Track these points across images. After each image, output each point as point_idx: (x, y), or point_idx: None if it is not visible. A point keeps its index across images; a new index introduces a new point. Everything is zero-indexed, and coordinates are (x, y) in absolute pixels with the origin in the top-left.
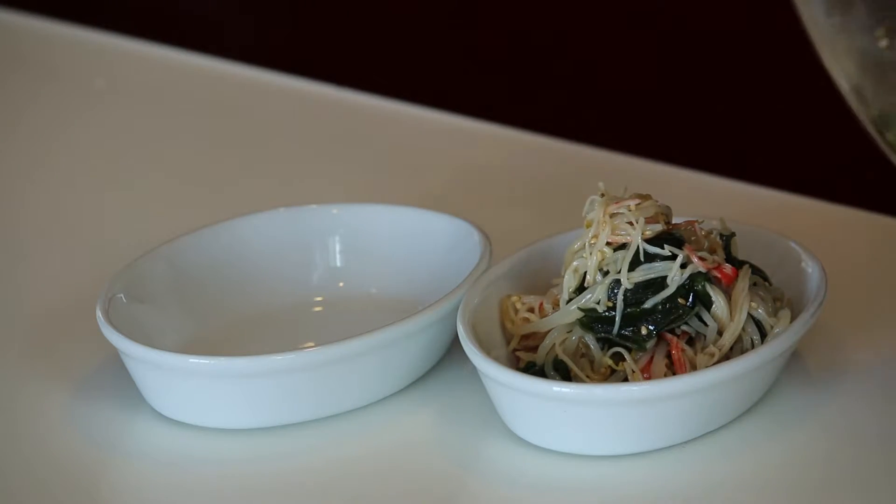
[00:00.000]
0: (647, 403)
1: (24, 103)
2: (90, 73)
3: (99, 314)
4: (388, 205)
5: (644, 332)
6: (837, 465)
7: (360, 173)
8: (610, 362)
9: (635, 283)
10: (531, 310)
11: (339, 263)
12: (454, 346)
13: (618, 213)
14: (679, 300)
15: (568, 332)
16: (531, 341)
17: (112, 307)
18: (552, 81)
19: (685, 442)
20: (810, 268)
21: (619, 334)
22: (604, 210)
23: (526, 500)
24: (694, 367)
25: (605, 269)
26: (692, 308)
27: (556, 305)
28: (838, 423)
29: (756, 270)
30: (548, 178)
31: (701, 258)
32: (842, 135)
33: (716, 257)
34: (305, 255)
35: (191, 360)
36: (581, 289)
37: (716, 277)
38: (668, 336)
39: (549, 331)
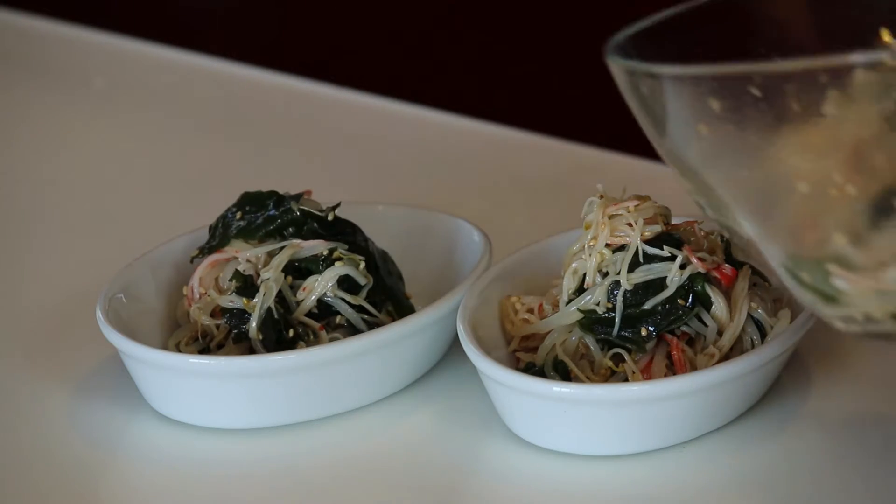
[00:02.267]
0: (647, 403)
1: (25, 103)
2: (90, 73)
3: (99, 314)
4: (389, 205)
5: (644, 333)
6: (837, 464)
7: (360, 173)
8: (610, 363)
9: (635, 285)
10: (530, 311)
11: None
12: (454, 346)
13: (616, 215)
14: (678, 301)
15: (568, 334)
16: (531, 342)
17: (112, 307)
18: (552, 81)
19: (685, 442)
20: None
21: (618, 335)
22: (602, 211)
23: (526, 500)
24: (694, 368)
25: (604, 270)
26: (692, 309)
27: (555, 306)
28: (838, 422)
29: (756, 271)
30: (548, 178)
31: (700, 259)
32: None
33: (715, 258)
34: None
35: (191, 360)
36: (580, 290)
37: (715, 278)
38: (668, 337)
39: (548, 332)
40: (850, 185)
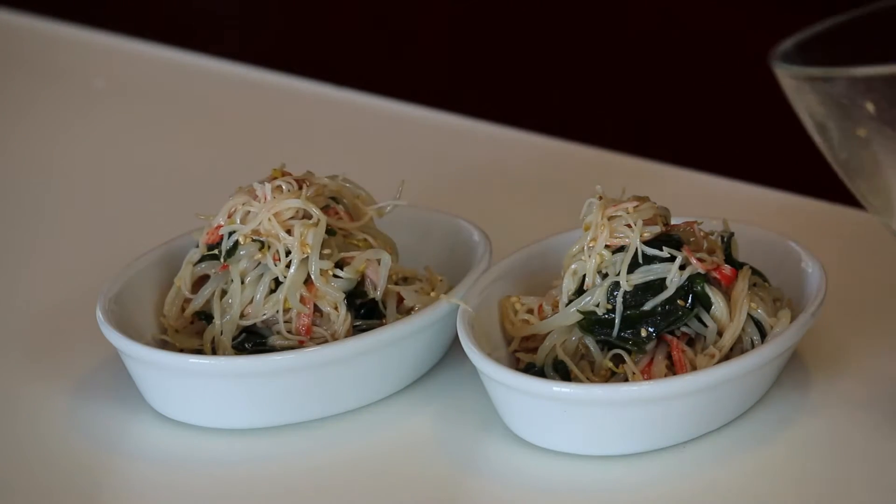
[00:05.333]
0: (647, 403)
1: (24, 103)
2: (90, 73)
3: (99, 314)
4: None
5: (644, 334)
6: (837, 464)
7: (360, 173)
8: (610, 364)
9: (634, 286)
10: (530, 311)
11: None
12: (454, 346)
13: (616, 216)
14: (678, 302)
15: (568, 334)
16: (531, 343)
17: (112, 307)
18: (552, 81)
19: (685, 442)
20: (810, 268)
21: (618, 336)
22: (602, 213)
23: (526, 500)
24: (694, 368)
25: (603, 271)
26: (691, 309)
27: (555, 307)
28: (838, 422)
29: (756, 271)
30: (548, 178)
31: (699, 259)
32: None
33: (715, 258)
34: None
35: (191, 360)
36: (580, 291)
37: (715, 278)
38: (669, 337)
39: (548, 332)
40: None
